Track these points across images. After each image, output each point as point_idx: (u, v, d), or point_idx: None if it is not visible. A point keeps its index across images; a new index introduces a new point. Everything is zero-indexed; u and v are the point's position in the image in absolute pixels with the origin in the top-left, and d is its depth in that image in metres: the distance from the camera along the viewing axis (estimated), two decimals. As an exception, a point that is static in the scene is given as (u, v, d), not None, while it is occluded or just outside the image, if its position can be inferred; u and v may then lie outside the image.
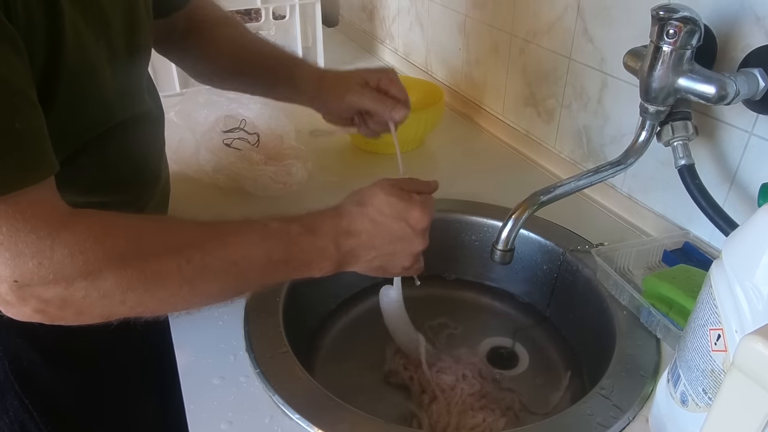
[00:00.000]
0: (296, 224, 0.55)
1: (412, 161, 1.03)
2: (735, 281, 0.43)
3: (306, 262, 0.55)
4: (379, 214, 0.57)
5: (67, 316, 0.46)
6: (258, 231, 0.53)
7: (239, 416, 0.56)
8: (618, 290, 0.69)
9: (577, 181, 0.69)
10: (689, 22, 0.59)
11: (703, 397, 0.47)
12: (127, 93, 0.62)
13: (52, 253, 0.43)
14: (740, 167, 0.68)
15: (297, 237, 0.54)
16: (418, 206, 0.58)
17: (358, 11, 1.71)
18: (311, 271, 0.56)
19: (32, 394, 0.67)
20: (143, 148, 0.68)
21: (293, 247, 0.54)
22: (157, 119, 0.72)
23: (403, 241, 0.58)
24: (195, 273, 0.48)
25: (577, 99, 0.91)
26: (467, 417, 0.68)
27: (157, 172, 0.72)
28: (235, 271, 0.51)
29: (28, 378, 0.66)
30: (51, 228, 0.43)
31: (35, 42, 0.46)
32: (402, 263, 0.60)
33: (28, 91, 0.45)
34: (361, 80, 0.76)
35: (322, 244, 0.55)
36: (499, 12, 1.06)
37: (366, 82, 0.75)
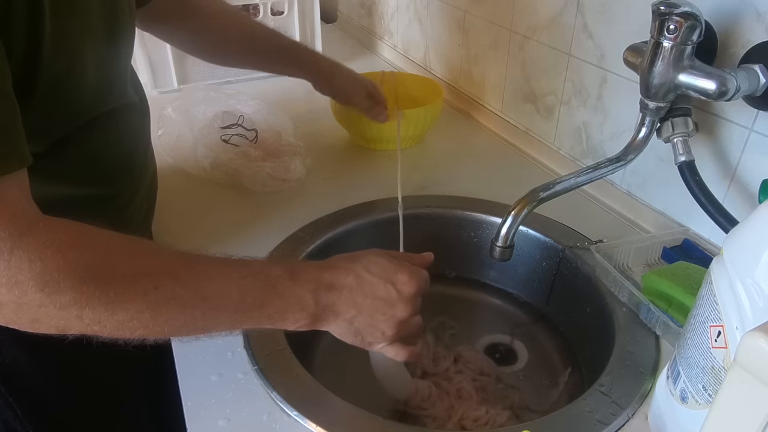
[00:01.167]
0: (278, 267, 0.53)
1: (411, 158, 1.02)
2: (736, 278, 0.42)
3: (281, 309, 0.51)
4: (366, 272, 0.55)
5: (22, 322, 0.44)
6: (236, 269, 0.51)
7: (237, 413, 0.56)
8: (617, 287, 0.69)
9: (576, 178, 0.69)
10: (690, 18, 0.59)
11: (703, 394, 0.47)
12: (110, 83, 0.61)
13: (11, 256, 0.41)
14: (740, 164, 0.68)
15: (276, 280, 0.51)
16: (407, 271, 0.56)
17: (357, 7, 1.70)
18: (285, 322, 0.52)
19: (16, 391, 0.66)
20: (128, 140, 0.67)
21: (270, 292, 0.51)
22: (141, 112, 0.71)
23: (386, 304, 0.55)
24: (161, 301, 0.46)
25: (576, 95, 0.91)
26: (469, 410, 0.68)
27: (142, 165, 0.71)
28: (203, 306, 0.48)
29: (12, 374, 0.65)
30: (13, 230, 0.41)
31: (15, 31, 0.45)
32: (382, 329, 0.56)
33: (1, 84, 0.43)
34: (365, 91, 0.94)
35: (301, 292, 0.52)
36: (498, 8, 1.05)
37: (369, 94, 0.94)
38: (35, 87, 0.49)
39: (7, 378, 0.65)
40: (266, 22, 1.32)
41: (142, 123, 0.71)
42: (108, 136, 0.62)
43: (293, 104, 1.18)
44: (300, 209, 0.85)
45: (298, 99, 1.25)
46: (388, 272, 0.56)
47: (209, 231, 0.81)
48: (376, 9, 1.58)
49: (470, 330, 0.83)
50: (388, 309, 0.55)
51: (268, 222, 0.83)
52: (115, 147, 0.64)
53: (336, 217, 0.83)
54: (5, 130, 0.43)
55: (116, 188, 0.66)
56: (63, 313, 0.43)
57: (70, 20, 0.52)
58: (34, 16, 0.47)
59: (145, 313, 0.46)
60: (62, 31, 0.50)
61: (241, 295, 0.49)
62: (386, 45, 1.55)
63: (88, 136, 0.59)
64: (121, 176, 0.66)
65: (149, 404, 0.80)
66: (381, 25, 1.57)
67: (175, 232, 0.81)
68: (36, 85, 0.49)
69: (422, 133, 1.07)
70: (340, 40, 1.71)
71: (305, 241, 0.78)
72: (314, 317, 0.53)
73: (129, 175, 0.68)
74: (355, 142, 1.07)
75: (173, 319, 0.47)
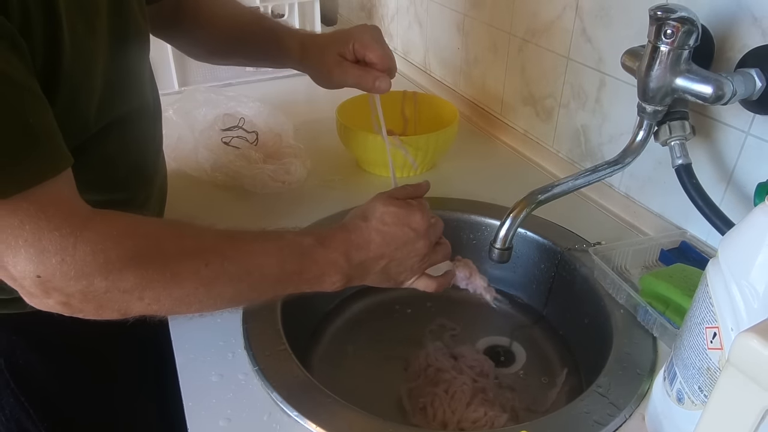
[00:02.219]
0: (309, 237, 0.57)
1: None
2: (731, 280, 0.43)
3: (318, 274, 0.56)
4: (383, 224, 0.60)
5: (88, 309, 0.47)
6: (273, 241, 0.55)
7: (237, 413, 0.56)
8: (615, 289, 0.69)
9: (574, 180, 0.70)
10: (687, 22, 0.59)
11: (699, 395, 0.47)
12: (125, 84, 0.62)
13: (75, 250, 0.44)
14: (737, 167, 0.69)
15: (310, 248, 0.56)
16: (416, 210, 0.61)
17: (357, 10, 1.71)
18: (322, 284, 0.57)
19: (28, 392, 0.67)
20: (141, 145, 0.68)
21: (306, 259, 0.56)
22: (154, 115, 0.72)
23: (408, 245, 0.61)
24: (212, 276, 0.50)
25: (575, 98, 0.91)
26: (469, 411, 0.68)
27: (154, 168, 0.72)
28: (249, 279, 0.53)
29: (24, 375, 0.66)
30: (74, 226, 0.45)
31: (34, 39, 0.46)
32: (410, 266, 0.62)
33: (34, 86, 0.45)
34: (337, 57, 0.75)
35: (334, 256, 0.57)
36: (497, 11, 1.06)
37: (343, 56, 0.75)
38: (56, 92, 0.50)
39: (20, 379, 0.66)
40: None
41: (155, 125, 0.72)
42: (123, 140, 0.63)
43: (294, 106, 1.19)
44: (300, 211, 0.85)
45: (299, 101, 1.26)
46: (400, 217, 0.61)
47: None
48: (376, 12, 1.58)
49: (469, 331, 0.83)
50: (411, 249, 0.61)
51: (269, 224, 0.82)
52: (129, 151, 0.65)
53: (336, 218, 0.84)
54: (51, 133, 0.46)
55: (130, 193, 0.66)
56: (126, 296, 0.47)
57: (84, 25, 0.53)
58: (52, 23, 0.48)
59: (199, 289, 0.50)
60: (79, 38, 0.51)
61: (281, 265, 0.54)
62: (386, 48, 1.55)
63: (104, 142, 0.60)
64: (134, 181, 0.67)
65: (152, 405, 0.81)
66: (381, 28, 1.57)
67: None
68: (57, 89, 0.50)
69: (433, 160, 1.00)
70: (341, 43, 1.71)
71: (305, 243, 0.79)
72: (348, 276, 0.58)
73: (141, 180, 0.69)
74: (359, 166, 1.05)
75: (224, 292, 0.52)
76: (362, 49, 0.74)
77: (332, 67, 0.75)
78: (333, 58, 0.75)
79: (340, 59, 0.75)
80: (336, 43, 0.76)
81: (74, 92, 0.53)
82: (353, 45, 0.74)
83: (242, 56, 0.88)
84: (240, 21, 0.84)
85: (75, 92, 0.53)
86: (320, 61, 0.77)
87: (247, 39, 0.84)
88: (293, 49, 0.80)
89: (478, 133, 1.15)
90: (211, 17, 0.83)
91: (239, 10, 0.85)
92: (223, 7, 0.85)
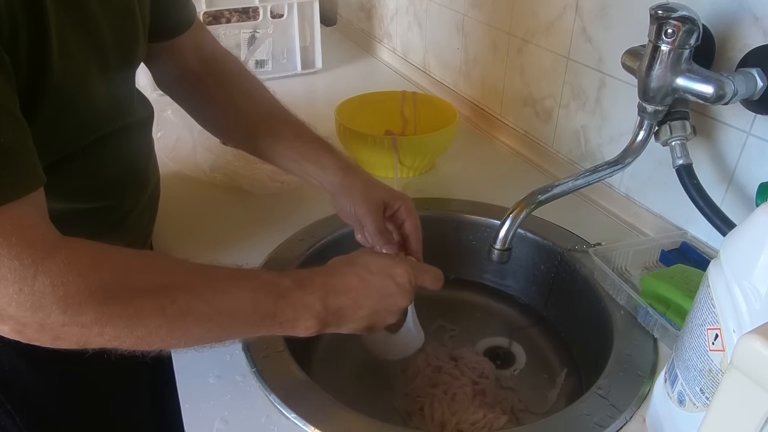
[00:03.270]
0: (287, 279, 0.55)
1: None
2: (733, 281, 0.42)
3: (292, 318, 0.54)
4: (367, 272, 0.58)
5: (44, 340, 0.46)
6: (249, 280, 0.53)
7: (235, 415, 0.56)
8: (615, 290, 0.69)
9: (574, 181, 0.69)
10: (687, 22, 0.59)
11: (701, 397, 0.47)
12: (117, 104, 0.62)
13: (34, 281, 0.42)
14: (738, 167, 0.68)
15: (287, 290, 0.54)
16: (403, 263, 0.61)
17: (357, 10, 1.70)
18: (296, 329, 0.55)
19: (14, 399, 0.66)
20: (131, 155, 0.67)
21: (282, 301, 0.53)
22: (145, 125, 0.71)
23: (389, 298, 0.59)
24: (178, 315, 0.48)
25: (575, 99, 0.91)
26: (467, 413, 0.68)
27: (144, 176, 0.71)
28: (218, 319, 0.50)
29: (11, 383, 0.65)
30: (35, 255, 0.43)
31: (19, 56, 0.46)
32: (387, 320, 0.60)
33: (10, 106, 0.44)
34: (380, 200, 0.69)
35: (310, 300, 0.54)
36: (497, 11, 1.06)
37: (385, 205, 0.69)
38: (40, 107, 0.50)
39: (6, 386, 0.65)
40: (266, 25, 1.33)
41: (145, 134, 0.71)
42: (111, 152, 0.62)
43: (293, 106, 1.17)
44: (298, 212, 0.85)
45: (298, 102, 1.25)
46: (386, 267, 0.59)
47: (208, 233, 0.82)
48: (375, 12, 1.58)
49: (469, 332, 0.83)
50: (392, 303, 0.59)
51: (267, 224, 0.83)
52: (118, 161, 0.64)
53: (334, 219, 0.83)
54: (18, 153, 0.44)
55: (117, 200, 0.66)
56: (84, 331, 0.45)
57: (80, 48, 0.53)
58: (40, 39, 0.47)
59: (163, 327, 0.47)
60: (70, 60, 0.51)
61: (254, 306, 0.52)
62: (385, 48, 1.55)
63: (92, 153, 0.59)
64: (121, 190, 0.66)
65: (148, 406, 0.80)
66: (380, 28, 1.57)
67: (174, 234, 0.81)
68: (42, 104, 0.50)
69: (433, 160, 1.00)
70: (340, 43, 1.71)
71: (303, 244, 0.79)
72: (324, 322, 0.55)
73: (129, 188, 0.68)
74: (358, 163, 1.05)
75: (190, 331, 0.49)
76: (406, 214, 0.70)
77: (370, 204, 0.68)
78: (376, 201, 0.69)
79: (381, 207, 0.69)
80: (385, 189, 0.70)
81: (64, 107, 0.52)
82: (400, 206, 0.69)
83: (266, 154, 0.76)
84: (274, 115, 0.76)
85: (65, 107, 0.52)
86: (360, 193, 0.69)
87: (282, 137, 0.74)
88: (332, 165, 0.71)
89: (478, 133, 1.15)
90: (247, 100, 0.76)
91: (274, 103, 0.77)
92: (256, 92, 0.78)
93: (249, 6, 1.29)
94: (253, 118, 0.76)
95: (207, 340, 0.52)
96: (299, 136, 0.74)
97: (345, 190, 0.70)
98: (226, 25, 1.29)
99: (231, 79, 0.78)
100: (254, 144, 0.76)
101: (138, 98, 0.69)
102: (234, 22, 1.30)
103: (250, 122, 0.75)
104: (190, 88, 0.78)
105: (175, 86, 0.79)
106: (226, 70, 0.78)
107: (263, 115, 0.76)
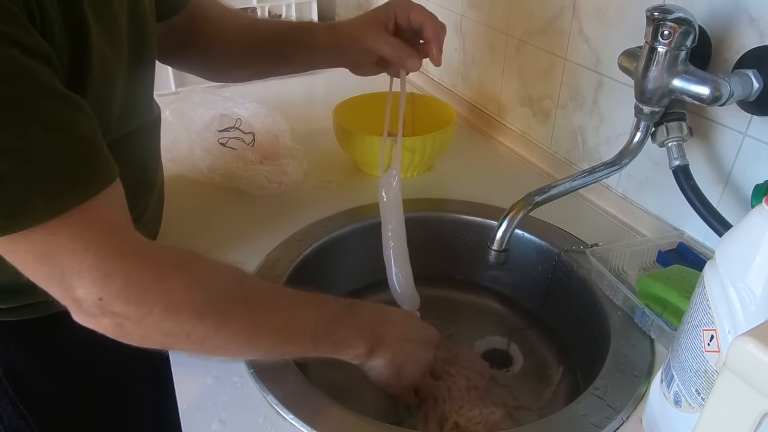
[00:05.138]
0: (341, 303, 0.60)
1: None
2: (728, 282, 0.43)
3: (345, 338, 0.58)
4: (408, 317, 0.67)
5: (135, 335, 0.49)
6: (313, 297, 0.58)
7: (233, 416, 0.56)
8: (612, 291, 0.69)
9: (572, 182, 0.69)
10: (684, 23, 0.59)
11: (696, 398, 0.47)
12: (137, 103, 0.63)
13: (141, 275, 0.46)
14: (734, 168, 0.69)
15: (342, 312, 0.59)
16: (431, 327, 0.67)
17: (354, 10, 1.70)
18: (348, 350, 0.59)
19: (27, 399, 0.66)
20: (144, 155, 0.68)
21: (337, 321, 0.58)
22: (156, 125, 0.72)
23: (423, 346, 0.65)
24: (256, 323, 0.52)
25: (572, 99, 0.91)
26: (464, 410, 0.68)
27: (154, 177, 0.71)
28: (288, 330, 0.55)
29: (23, 383, 0.66)
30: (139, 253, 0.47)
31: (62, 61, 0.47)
32: (416, 369, 0.64)
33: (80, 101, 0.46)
34: (376, 24, 0.69)
35: (363, 323, 0.60)
36: (495, 12, 1.06)
37: (384, 25, 0.69)
38: None
39: (19, 386, 0.66)
40: (264, 26, 1.33)
41: (156, 139, 0.72)
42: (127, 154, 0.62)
43: (291, 107, 1.18)
44: (297, 212, 0.85)
45: (296, 102, 1.26)
46: (421, 323, 0.67)
47: (206, 233, 0.82)
48: (373, 12, 1.58)
49: (466, 333, 0.83)
50: (424, 351, 0.65)
51: (265, 225, 0.83)
52: (132, 163, 0.64)
53: (332, 220, 0.84)
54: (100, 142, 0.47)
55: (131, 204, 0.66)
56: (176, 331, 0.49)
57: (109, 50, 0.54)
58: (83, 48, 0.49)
59: (241, 334, 0.52)
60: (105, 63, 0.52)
61: (318, 321, 0.57)
62: (384, 48, 1.55)
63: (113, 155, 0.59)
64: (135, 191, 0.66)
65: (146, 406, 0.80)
66: (378, 29, 1.57)
67: (173, 235, 0.81)
68: None
69: (431, 161, 1.00)
70: (338, 43, 1.71)
71: (301, 244, 0.79)
72: (370, 348, 0.60)
73: (141, 190, 0.68)
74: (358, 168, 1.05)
75: (263, 341, 0.54)
76: (404, 11, 0.68)
77: (368, 33, 0.69)
78: (371, 26, 0.69)
79: (380, 27, 0.69)
80: (376, 15, 0.70)
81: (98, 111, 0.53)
82: (394, 12, 0.68)
83: (262, 63, 0.83)
84: (256, 27, 0.82)
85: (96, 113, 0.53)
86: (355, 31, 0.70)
87: (266, 41, 0.80)
88: (319, 33, 0.74)
89: (476, 134, 1.15)
90: (223, 30, 0.81)
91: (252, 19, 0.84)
92: (235, 19, 0.83)
93: (247, 6, 1.30)
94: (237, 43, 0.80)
95: (274, 352, 0.56)
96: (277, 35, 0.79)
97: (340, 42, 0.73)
98: (224, 25, 1.29)
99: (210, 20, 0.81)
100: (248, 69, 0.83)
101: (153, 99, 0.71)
102: (232, 23, 1.30)
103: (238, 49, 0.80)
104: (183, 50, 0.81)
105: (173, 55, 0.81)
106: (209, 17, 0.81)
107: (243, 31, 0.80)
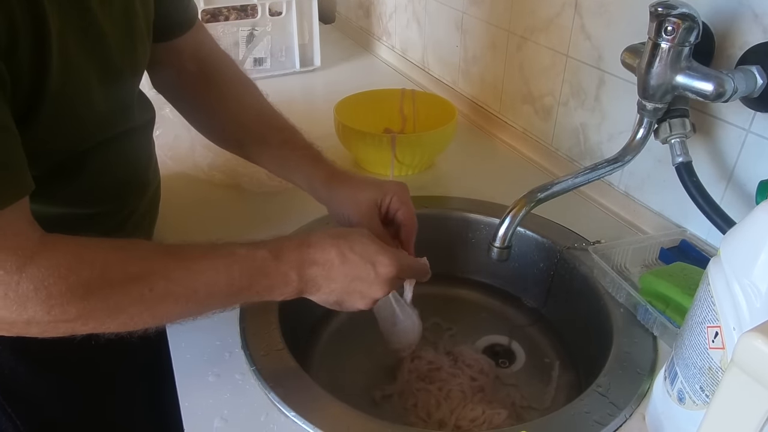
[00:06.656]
0: (263, 249, 0.56)
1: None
2: (733, 278, 0.42)
3: (268, 287, 0.56)
4: (350, 250, 0.58)
5: (32, 333, 0.48)
6: (223, 258, 0.54)
7: (234, 413, 0.56)
8: (615, 288, 0.69)
9: (574, 179, 0.69)
10: (687, 19, 0.59)
11: (701, 395, 0.47)
12: (119, 109, 0.62)
13: (18, 287, 0.44)
14: (738, 165, 0.68)
15: (262, 262, 0.55)
16: (389, 254, 0.59)
17: (355, 8, 1.70)
18: (272, 296, 0.57)
19: (15, 402, 0.66)
20: (131, 159, 0.67)
21: (257, 273, 0.55)
22: (146, 129, 0.71)
23: (363, 283, 0.58)
24: (156, 300, 0.50)
25: (574, 96, 0.91)
26: (466, 410, 0.68)
27: (144, 180, 0.71)
28: (195, 298, 0.52)
29: (10, 385, 0.65)
30: (19, 262, 0.44)
31: (18, 61, 0.46)
32: (355, 304, 0.59)
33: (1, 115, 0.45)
34: (372, 207, 0.68)
35: (286, 269, 0.56)
36: (496, 9, 1.05)
37: (378, 207, 0.68)
38: (40, 112, 0.50)
39: (6, 388, 0.65)
40: (264, 23, 1.32)
41: (146, 138, 0.71)
42: (111, 157, 0.62)
43: (291, 104, 1.17)
44: (296, 210, 0.85)
45: (297, 99, 1.25)
46: (370, 253, 0.58)
47: (206, 231, 0.81)
48: (374, 10, 1.58)
49: (468, 331, 0.83)
50: (365, 288, 0.58)
51: (265, 222, 0.83)
52: (117, 167, 0.64)
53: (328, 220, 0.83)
54: (7, 163, 0.45)
55: (116, 205, 0.66)
56: (70, 324, 0.48)
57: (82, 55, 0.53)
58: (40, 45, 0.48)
59: (144, 312, 0.50)
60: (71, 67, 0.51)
61: (229, 282, 0.53)
62: (384, 46, 1.55)
63: (90, 159, 0.59)
64: (121, 194, 0.66)
65: (147, 405, 0.80)
66: (379, 26, 1.57)
67: (172, 233, 0.80)
68: (41, 109, 0.50)
69: (432, 158, 1.00)
70: (338, 41, 1.71)
71: (303, 242, 0.78)
72: (298, 290, 0.57)
73: (129, 193, 0.68)
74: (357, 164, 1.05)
75: (169, 312, 0.53)
76: (398, 204, 0.69)
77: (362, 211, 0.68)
78: (366, 204, 0.68)
79: (373, 204, 0.68)
80: (373, 188, 0.69)
81: (64, 112, 0.53)
82: (391, 198, 0.68)
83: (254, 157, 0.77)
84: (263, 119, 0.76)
85: (65, 112, 0.53)
86: (349, 205, 0.69)
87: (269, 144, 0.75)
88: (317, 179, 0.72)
89: (477, 131, 1.14)
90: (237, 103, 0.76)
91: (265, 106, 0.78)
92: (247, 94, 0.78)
93: (247, 3, 1.29)
94: (241, 121, 0.76)
95: (187, 316, 0.55)
96: (286, 142, 0.74)
97: (334, 202, 0.70)
98: (225, 22, 1.29)
99: (224, 81, 0.78)
100: (242, 148, 0.77)
101: (140, 102, 0.69)
102: (232, 20, 1.30)
103: (238, 126, 0.76)
104: (184, 91, 0.78)
105: (170, 88, 0.79)
106: (220, 72, 0.78)
107: (252, 117, 0.76)
